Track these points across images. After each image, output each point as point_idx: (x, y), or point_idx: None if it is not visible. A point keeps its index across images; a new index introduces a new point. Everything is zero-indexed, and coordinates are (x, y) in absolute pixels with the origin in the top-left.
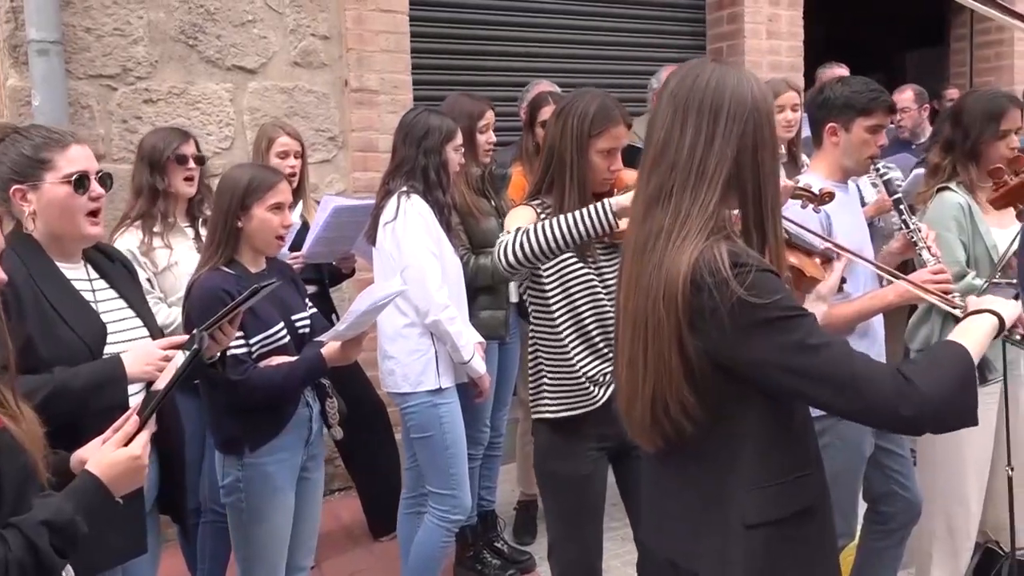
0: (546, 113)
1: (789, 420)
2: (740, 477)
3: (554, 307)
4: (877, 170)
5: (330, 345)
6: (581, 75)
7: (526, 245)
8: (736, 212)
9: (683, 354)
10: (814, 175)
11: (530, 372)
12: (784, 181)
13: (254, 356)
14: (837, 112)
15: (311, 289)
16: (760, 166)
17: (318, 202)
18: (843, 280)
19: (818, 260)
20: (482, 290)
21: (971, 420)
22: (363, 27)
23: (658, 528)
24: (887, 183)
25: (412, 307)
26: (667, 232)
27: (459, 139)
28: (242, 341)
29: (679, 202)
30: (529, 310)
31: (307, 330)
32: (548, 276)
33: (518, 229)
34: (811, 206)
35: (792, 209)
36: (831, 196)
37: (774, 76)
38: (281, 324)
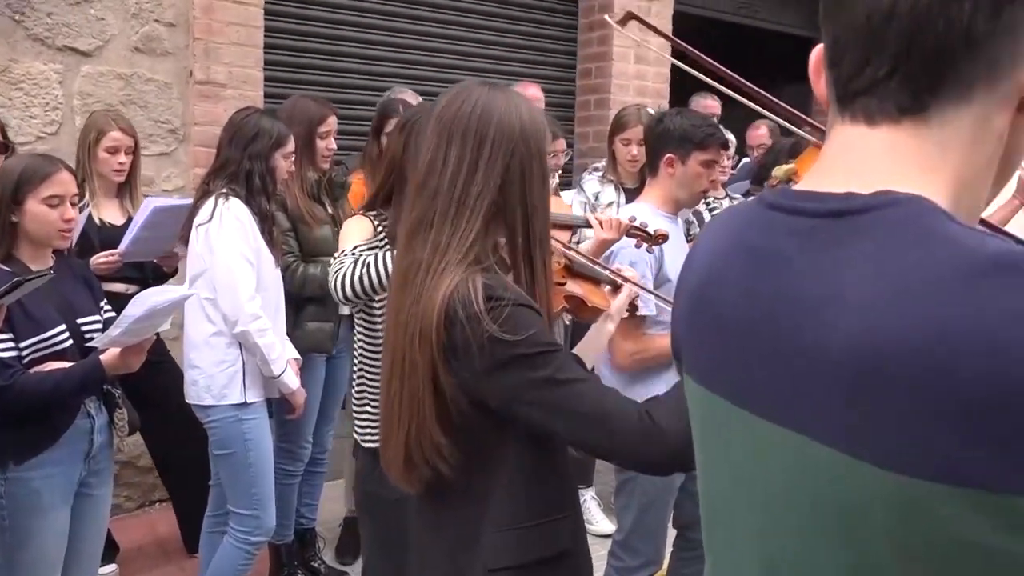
0: (394, 123)
1: (547, 461)
2: (491, 519)
3: (381, 337)
4: (707, 203)
5: (110, 352)
6: (445, 85)
7: (366, 279)
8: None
9: (437, 393)
10: (646, 204)
11: (355, 395)
12: (619, 217)
13: (25, 361)
14: (675, 144)
15: (132, 289)
16: (527, 196)
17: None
18: (634, 308)
19: (608, 288)
20: (310, 300)
21: None
22: (212, 17)
23: (420, 571)
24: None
25: (220, 315)
26: (426, 264)
27: (291, 146)
28: (11, 344)
29: (439, 232)
30: (356, 333)
31: (98, 335)
32: (380, 303)
33: (357, 260)
34: (644, 245)
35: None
36: (665, 238)
37: (640, 101)
38: (62, 327)
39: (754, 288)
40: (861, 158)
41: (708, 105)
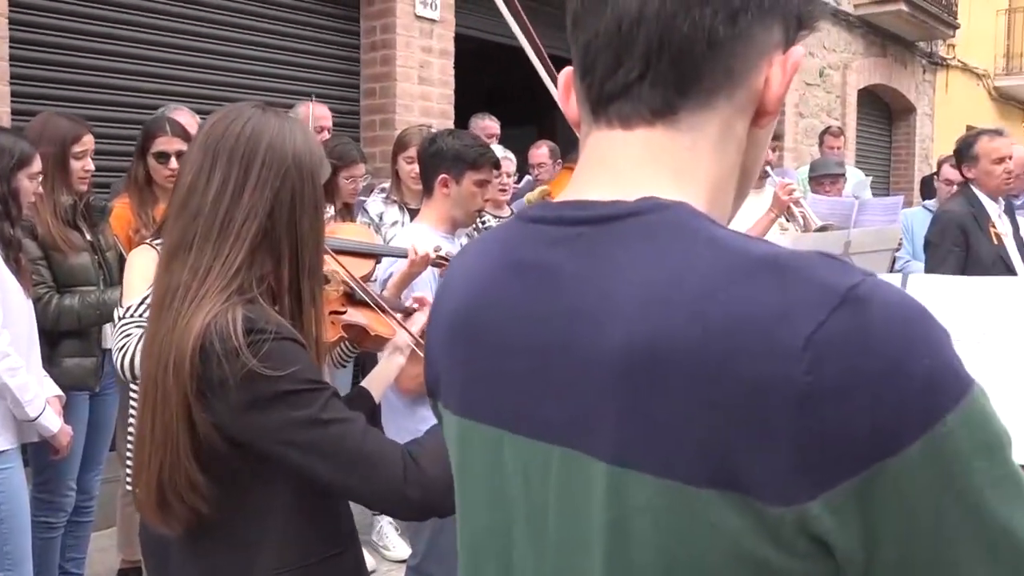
0: (161, 143)
1: (319, 498)
2: (261, 565)
3: None
4: (483, 221)
5: None
6: (223, 103)
7: None
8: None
9: (192, 427)
10: (423, 224)
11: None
12: (425, 249)
13: None
14: (449, 164)
15: None
16: (297, 225)
17: None
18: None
19: (400, 316)
20: (67, 335)
21: None
22: None
23: None
24: None
25: None
26: (185, 288)
27: (36, 166)
28: None
29: (200, 255)
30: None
31: None
32: None
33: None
34: None
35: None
36: None
37: (425, 121)
38: None
39: (522, 304)
40: (619, 162)
41: (487, 126)
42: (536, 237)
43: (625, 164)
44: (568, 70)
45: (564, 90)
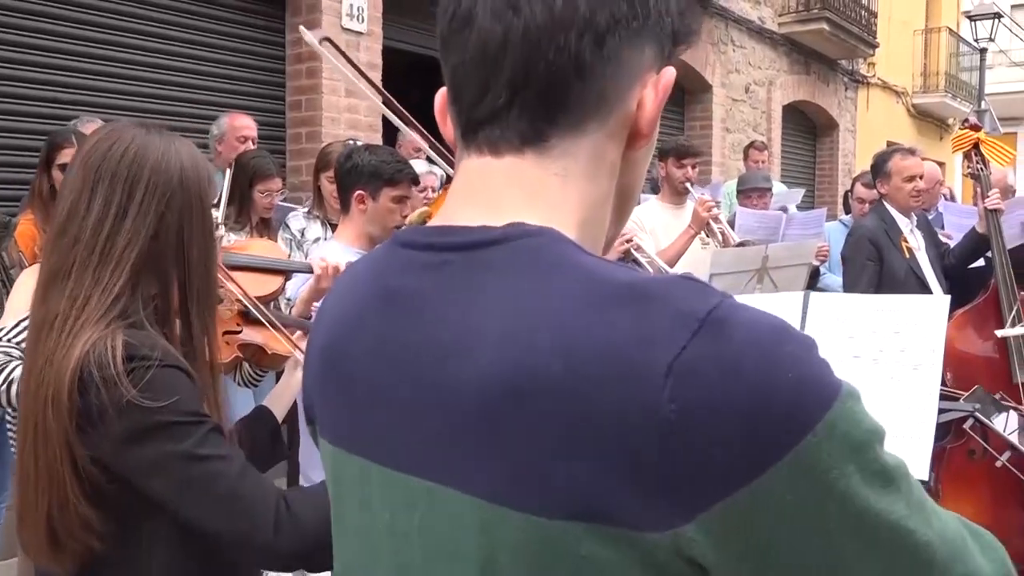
0: (68, 154)
1: None
2: None
3: None
4: None
5: None
6: (142, 116)
7: None
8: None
9: (76, 463)
10: (337, 243)
11: None
12: (338, 262)
13: None
14: (365, 179)
15: None
16: (186, 248)
17: None
18: None
19: (298, 333)
20: None
21: None
22: None
23: None
24: None
25: None
26: (63, 318)
27: None
28: None
29: (79, 283)
30: None
31: None
32: None
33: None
34: None
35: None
36: None
37: (352, 135)
38: None
39: (389, 332)
40: (489, 190)
41: (415, 139)
42: (405, 262)
43: (494, 190)
44: (443, 91)
45: (440, 113)
